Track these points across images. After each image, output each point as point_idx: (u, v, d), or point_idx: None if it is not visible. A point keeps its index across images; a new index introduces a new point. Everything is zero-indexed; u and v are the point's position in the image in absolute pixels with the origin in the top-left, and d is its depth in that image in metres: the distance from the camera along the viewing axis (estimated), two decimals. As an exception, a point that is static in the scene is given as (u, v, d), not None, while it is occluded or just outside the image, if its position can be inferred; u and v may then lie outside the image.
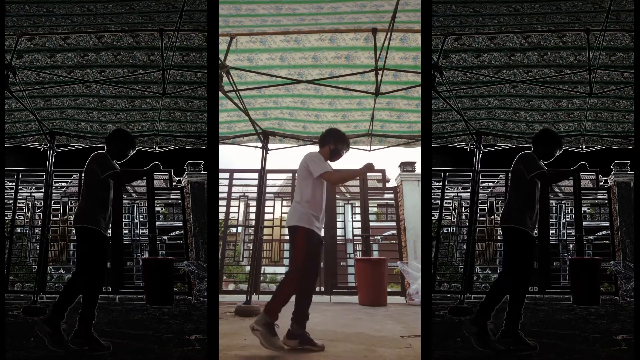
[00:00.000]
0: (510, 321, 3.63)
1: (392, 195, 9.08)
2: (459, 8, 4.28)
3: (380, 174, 9.31)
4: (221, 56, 5.04)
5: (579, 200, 7.25)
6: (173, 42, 4.72)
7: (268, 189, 8.96)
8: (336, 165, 4.30)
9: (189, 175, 7.26)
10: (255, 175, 7.81)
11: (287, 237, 4.13)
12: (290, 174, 8.82)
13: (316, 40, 5.06)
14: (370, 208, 8.91)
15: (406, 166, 9.02)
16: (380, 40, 4.88)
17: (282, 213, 8.82)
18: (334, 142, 4.19)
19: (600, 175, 7.70)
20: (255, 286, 7.40)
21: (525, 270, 3.67)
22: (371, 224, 8.79)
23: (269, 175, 8.44)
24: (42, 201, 6.72)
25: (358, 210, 8.68)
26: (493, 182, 8.17)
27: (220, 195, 8.47)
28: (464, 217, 7.39)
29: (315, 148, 4.33)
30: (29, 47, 4.84)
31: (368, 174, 9.04)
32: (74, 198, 7.41)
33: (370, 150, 7.41)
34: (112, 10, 4.28)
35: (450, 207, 7.46)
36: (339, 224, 8.54)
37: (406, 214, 8.54)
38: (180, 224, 7.35)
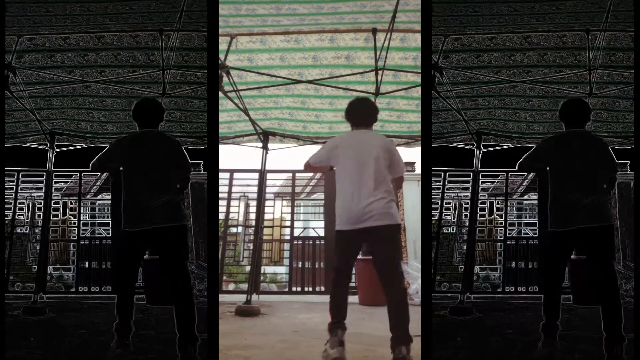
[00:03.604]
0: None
1: (392, 195, 9.07)
2: (459, 8, 4.28)
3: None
4: (221, 56, 5.05)
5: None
6: (173, 42, 4.72)
7: (268, 189, 8.95)
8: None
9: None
10: (255, 175, 7.81)
11: (374, 238, 3.39)
12: (291, 174, 8.81)
13: (316, 40, 5.07)
14: (370, 208, 8.90)
15: (406, 166, 9.00)
16: (380, 40, 4.89)
17: (282, 213, 8.81)
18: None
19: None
20: (255, 286, 7.40)
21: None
22: (371, 224, 8.77)
23: (269, 175, 8.43)
24: (42, 201, 6.71)
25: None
26: (493, 182, 8.16)
27: (220, 195, 8.46)
28: (464, 217, 7.38)
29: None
30: (29, 47, 4.84)
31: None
32: (74, 198, 7.40)
33: (370, 150, 7.40)
34: (112, 10, 4.28)
35: (450, 207, 7.45)
36: (339, 224, 8.53)
37: (406, 214, 8.54)
38: (181, 224, 7.34)
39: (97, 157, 3.50)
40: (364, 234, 3.32)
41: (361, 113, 3.66)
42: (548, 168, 3.51)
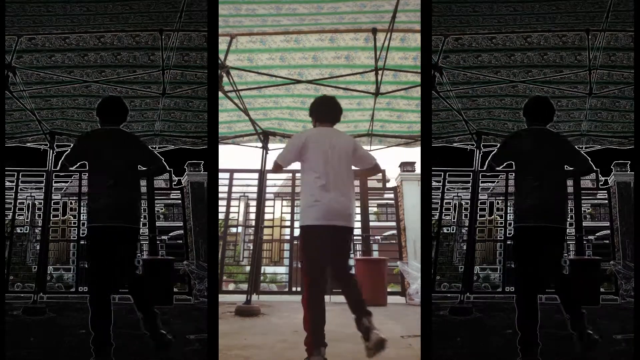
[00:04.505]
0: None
1: (392, 195, 9.08)
2: (459, 8, 4.28)
3: (380, 174, 9.31)
4: (221, 56, 5.04)
5: (579, 200, 7.24)
6: (173, 42, 4.72)
7: (268, 189, 8.96)
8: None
9: (189, 175, 7.25)
10: (255, 175, 7.81)
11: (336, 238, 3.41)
12: (290, 174, 8.81)
13: (316, 40, 5.07)
14: (370, 208, 8.91)
15: (406, 166, 9.02)
16: (380, 40, 4.88)
17: (282, 213, 8.81)
18: None
19: (600, 175, 7.69)
20: (255, 286, 7.40)
21: None
22: (371, 224, 8.79)
23: (269, 175, 8.43)
24: (42, 201, 6.71)
25: (358, 210, 8.67)
26: (493, 182, 8.16)
27: (220, 195, 8.47)
28: (464, 217, 7.38)
29: None
30: (29, 47, 4.84)
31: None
32: (74, 198, 7.39)
33: (370, 150, 7.41)
34: (112, 10, 4.28)
35: (450, 207, 7.44)
36: (339, 224, 8.53)
37: (406, 214, 8.54)
38: (180, 224, 7.34)
39: (65, 156, 3.50)
40: (331, 231, 3.32)
41: (328, 110, 3.62)
42: (514, 164, 3.55)
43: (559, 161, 3.40)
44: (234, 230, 8.97)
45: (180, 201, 7.35)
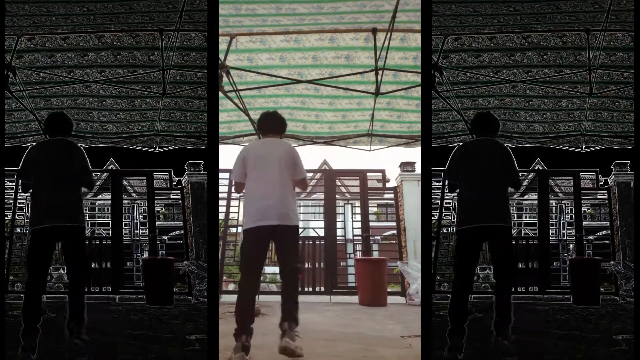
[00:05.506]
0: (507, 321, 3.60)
1: (392, 195, 9.07)
2: (459, 8, 4.28)
3: (380, 174, 9.31)
4: (221, 56, 5.05)
5: (579, 200, 7.24)
6: (173, 42, 4.73)
7: (268, 189, 8.95)
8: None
9: (189, 175, 7.25)
10: (255, 175, 7.79)
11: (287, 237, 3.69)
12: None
13: (316, 40, 5.07)
14: (370, 208, 8.90)
15: (406, 166, 9.00)
16: (380, 40, 4.89)
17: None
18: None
19: (600, 175, 7.70)
20: (255, 286, 7.39)
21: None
22: (371, 224, 8.78)
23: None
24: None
25: (358, 210, 8.67)
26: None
27: (220, 195, 8.46)
28: (464, 217, 7.36)
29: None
30: (29, 47, 4.84)
31: (368, 174, 9.06)
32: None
33: (370, 150, 7.41)
34: (112, 10, 4.29)
35: (450, 207, 7.44)
36: (339, 224, 8.53)
37: (406, 214, 8.53)
38: (180, 224, 7.34)
39: (19, 175, 3.91)
40: (269, 231, 3.55)
41: (267, 123, 3.91)
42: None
43: (499, 168, 3.63)
44: (234, 230, 8.96)
45: (180, 201, 7.36)
